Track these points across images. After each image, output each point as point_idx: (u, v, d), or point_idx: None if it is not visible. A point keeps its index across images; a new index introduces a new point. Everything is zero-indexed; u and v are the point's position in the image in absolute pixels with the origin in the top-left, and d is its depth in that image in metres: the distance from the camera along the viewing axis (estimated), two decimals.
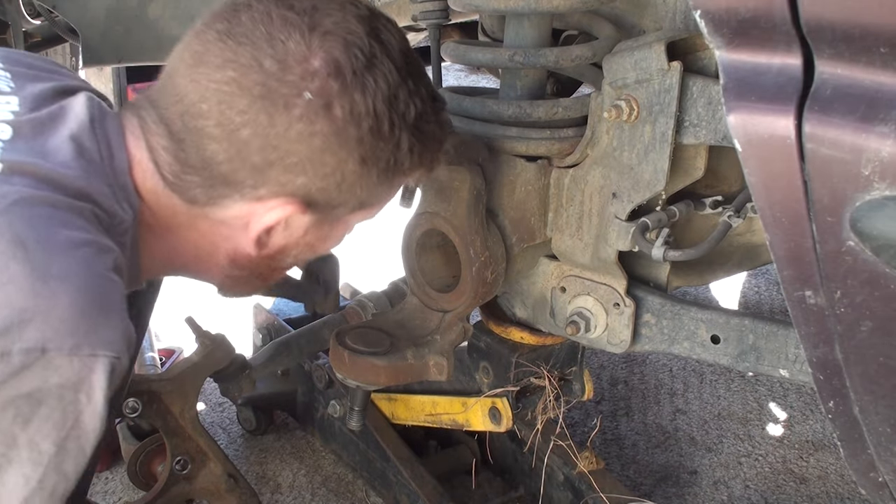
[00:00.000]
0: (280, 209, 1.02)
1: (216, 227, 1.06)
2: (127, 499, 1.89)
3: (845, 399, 0.99)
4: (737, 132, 0.89)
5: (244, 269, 1.13)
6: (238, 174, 0.99)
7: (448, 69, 5.03)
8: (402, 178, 1.10)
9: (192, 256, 1.11)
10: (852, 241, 0.86)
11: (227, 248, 1.10)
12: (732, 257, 1.53)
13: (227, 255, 1.10)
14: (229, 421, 2.18)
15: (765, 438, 2.17)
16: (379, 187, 1.07)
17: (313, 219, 1.06)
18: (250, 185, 1.00)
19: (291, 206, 1.02)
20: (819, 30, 0.82)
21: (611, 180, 1.30)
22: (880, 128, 0.80)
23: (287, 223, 1.06)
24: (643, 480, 2.00)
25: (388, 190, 1.11)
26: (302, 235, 1.09)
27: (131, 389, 1.51)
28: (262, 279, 1.19)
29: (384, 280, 1.82)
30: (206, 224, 1.06)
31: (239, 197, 1.02)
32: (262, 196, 1.01)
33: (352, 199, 1.06)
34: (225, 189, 1.01)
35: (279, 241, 1.09)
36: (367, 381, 1.42)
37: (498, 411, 1.59)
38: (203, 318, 1.67)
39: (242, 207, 1.03)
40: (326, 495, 1.94)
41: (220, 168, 0.99)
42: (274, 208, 1.02)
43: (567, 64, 1.34)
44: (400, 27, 1.09)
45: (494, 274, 1.38)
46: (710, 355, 1.33)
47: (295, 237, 1.09)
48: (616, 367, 2.44)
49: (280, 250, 1.11)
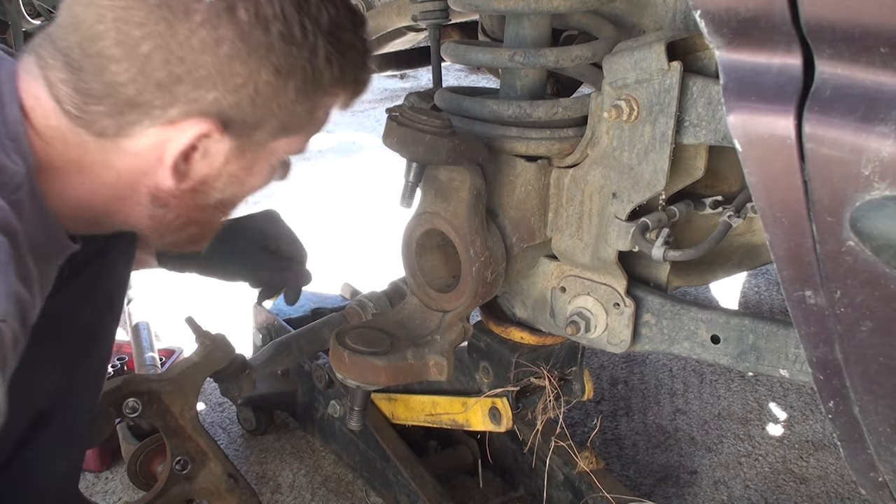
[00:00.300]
0: (194, 127, 0.98)
1: (132, 160, 1.01)
2: (127, 499, 1.89)
3: (845, 399, 0.99)
4: (737, 132, 0.89)
5: (169, 209, 1.08)
6: (144, 95, 0.95)
7: (448, 69, 5.03)
8: (325, 98, 1.06)
9: (112, 198, 1.06)
10: (852, 241, 0.86)
11: (146, 185, 1.05)
12: (732, 257, 1.53)
13: (148, 193, 1.06)
14: (229, 421, 2.18)
15: (765, 438, 2.17)
16: (298, 106, 1.02)
17: (233, 144, 1.02)
18: (159, 105, 0.96)
19: (205, 124, 0.98)
20: (819, 30, 0.82)
21: (611, 180, 1.30)
22: (880, 128, 0.80)
23: (206, 150, 1.02)
24: (643, 480, 2.00)
25: (311, 112, 1.06)
26: (223, 163, 1.04)
27: (131, 389, 1.52)
28: (196, 225, 1.14)
29: (384, 280, 1.82)
30: (122, 159, 1.01)
31: (149, 122, 0.97)
32: (173, 118, 0.97)
33: (271, 119, 1.01)
34: (133, 114, 0.97)
35: (200, 170, 1.04)
36: (367, 381, 1.42)
37: (498, 411, 1.59)
38: (203, 318, 1.67)
39: (155, 134, 0.98)
40: (326, 495, 1.94)
41: (124, 91, 0.95)
42: (187, 129, 0.98)
43: (567, 64, 1.34)
44: None
45: (494, 274, 1.38)
46: (710, 355, 1.33)
47: (216, 165, 1.04)
48: (616, 367, 2.44)
49: (202, 181, 1.06)
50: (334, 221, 3.35)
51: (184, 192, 1.06)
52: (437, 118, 1.26)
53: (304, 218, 3.39)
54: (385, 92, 5.08)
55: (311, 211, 3.46)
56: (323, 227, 3.31)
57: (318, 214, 3.43)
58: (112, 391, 1.49)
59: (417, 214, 1.42)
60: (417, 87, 4.85)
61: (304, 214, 3.43)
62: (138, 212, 1.08)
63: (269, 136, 1.04)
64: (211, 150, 1.02)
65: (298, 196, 3.66)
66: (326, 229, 3.28)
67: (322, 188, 3.73)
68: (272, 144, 1.07)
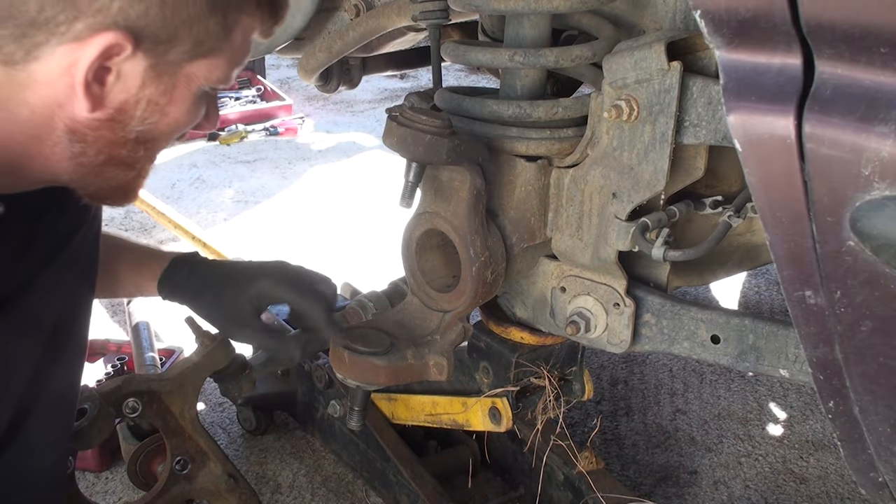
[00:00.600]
0: (100, 38, 0.94)
1: (45, 91, 0.99)
2: (127, 499, 1.89)
3: (845, 399, 0.99)
4: (737, 132, 0.89)
5: (88, 145, 1.04)
6: (46, 10, 0.93)
7: (448, 69, 5.03)
8: (240, 17, 1.04)
9: (29, 138, 1.02)
10: (852, 241, 0.86)
11: (63, 119, 1.01)
12: (732, 257, 1.53)
13: (65, 129, 1.02)
14: (229, 421, 2.18)
15: (765, 438, 2.17)
16: (210, 20, 1.00)
17: (147, 63, 0.99)
18: (63, 21, 0.93)
19: (112, 34, 0.94)
20: (819, 30, 0.82)
21: (611, 180, 1.30)
22: (880, 128, 0.80)
23: (119, 72, 0.99)
24: (643, 480, 2.00)
25: (226, 29, 1.03)
26: (140, 86, 1.01)
27: (131, 389, 1.51)
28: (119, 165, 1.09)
29: (384, 280, 1.82)
30: (34, 92, 0.99)
31: (56, 41, 0.95)
32: (80, 34, 0.94)
33: (183, 36, 0.99)
34: (39, 34, 0.94)
35: (116, 96, 1.01)
36: (367, 381, 1.42)
37: (498, 411, 1.59)
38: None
39: (63, 54, 0.95)
40: (326, 495, 1.94)
41: (26, 10, 0.92)
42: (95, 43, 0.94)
43: (567, 64, 1.34)
44: None
45: (494, 274, 1.38)
46: (710, 355, 1.33)
47: (132, 89, 1.01)
48: (616, 367, 2.44)
49: (120, 109, 1.02)
50: (334, 221, 3.35)
51: (102, 122, 1.02)
52: (437, 118, 1.26)
53: (304, 218, 3.40)
54: (385, 92, 5.08)
55: (311, 211, 3.46)
56: (323, 227, 3.31)
57: (318, 214, 3.43)
58: (112, 391, 1.49)
59: (417, 214, 1.42)
60: (417, 87, 4.85)
61: (305, 214, 3.43)
62: (58, 153, 1.05)
63: (185, 55, 1.01)
64: (125, 71, 0.99)
65: (298, 196, 3.66)
66: (326, 229, 3.28)
67: (322, 188, 3.73)
68: (189, 67, 1.03)
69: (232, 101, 4.46)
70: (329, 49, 1.81)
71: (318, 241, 3.16)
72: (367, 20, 1.72)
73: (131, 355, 2.22)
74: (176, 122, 1.09)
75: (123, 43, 0.96)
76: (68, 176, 1.09)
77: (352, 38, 1.75)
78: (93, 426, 1.43)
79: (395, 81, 5.24)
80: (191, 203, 3.52)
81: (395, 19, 1.66)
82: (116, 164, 1.09)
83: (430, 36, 1.62)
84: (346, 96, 4.86)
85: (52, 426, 1.26)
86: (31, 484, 1.25)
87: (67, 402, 1.31)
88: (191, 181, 3.75)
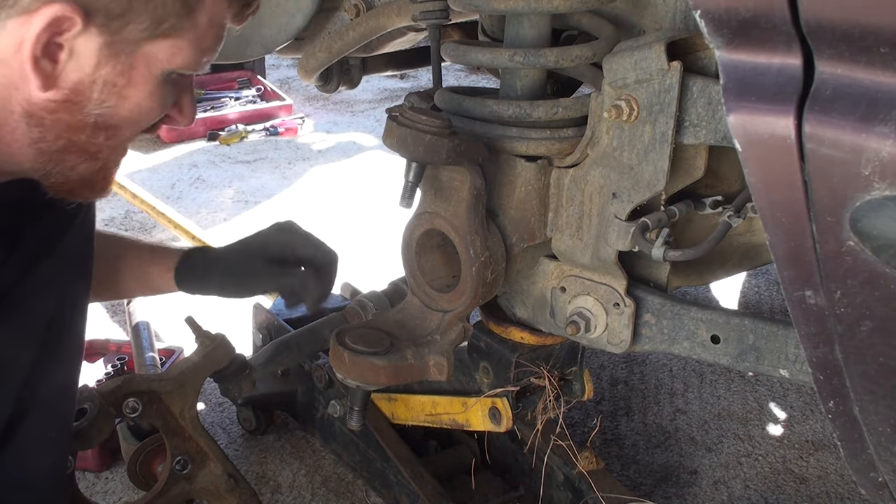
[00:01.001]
0: (47, 10, 0.91)
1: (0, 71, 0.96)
2: (127, 499, 1.89)
3: (845, 399, 0.99)
4: (737, 132, 0.89)
5: (46, 129, 1.01)
6: None
7: (448, 69, 5.03)
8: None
9: None
10: (852, 241, 0.86)
11: (19, 101, 0.99)
12: (732, 257, 1.53)
13: (22, 112, 1.00)
14: (229, 421, 2.18)
15: (765, 438, 2.17)
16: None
17: (102, 40, 0.97)
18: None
19: (58, 5, 0.91)
20: (819, 30, 0.82)
21: (611, 180, 1.30)
22: (880, 128, 0.80)
23: (72, 49, 0.96)
24: (643, 480, 2.00)
25: (187, 7, 1.00)
26: (95, 65, 0.98)
27: (131, 389, 1.51)
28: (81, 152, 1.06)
29: (384, 280, 1.82)
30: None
31: (5, 14, 0.92)
32: (28, 6, 0.91)
33: (140, 12, 0.96)
34: None
35: (70, 74, 0.98)
36: (367, 381, 1.42)
37: (498, 411, 1.59)
38: (203, 317, 1.67)
39: (14, 29, 0.93)
40: (326, 495, 1.94)
41: None
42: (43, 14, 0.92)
43: (567, 64, 1.34)
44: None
45: (494, 274, 1.38)
46: (710, 355, 1.33)
47: (87, 68, 0.98)
48: (616, 367, 2.44)
49: (75, 90, 0.99)
50: (334, 221, 3.35)
51: (58, 104, 0.99)
52: (437, 118, 1.26)
53: (304, 218, 3.39)
54: (385, 92, 5.08)
55: (312, 211, 3.46)
56: (323, 227, 3.31)
57: (319, 214, 3.43)
58: (112, 391, 1.49)
59: (417, 214, 1.42)
60: (417, 87, 4.85)
61: (305, 214, 3.43)
62: (18, 139, 1.02)
63: (143, 33, 0.98)
64: (78, 48, 0.96)
65: (299, 196, 3.66)
66: (326, 229, 3.28)
67: (322, 188, 3.73)
68: (148, 47, 1.00)
69: (232, 101, 4.46)
70: (329, 49, 1.81)
71: None
72: (367, 20, 1.72)
73: (131, 355, 2.22)
74: (137, 108, 1.06)
75: (72, 16, 0.93)
76: (30, 164, 1.07)
77: (352, 38, 1.75)
78: (93, 426, 1.43)
79: (395, 81, 5.24)
80: (191, 203, 3.52)
81: (395, 19, 1.66)
82: (77, 152, 1.06)
83: (430, 36, 1.62)
84: (346, 96, 4.86)
85: (50, 426, 1.26)
86: (31, 484, 1.25)
87: (66, 401, 1.31)
88: (191, 181, 3.75)
